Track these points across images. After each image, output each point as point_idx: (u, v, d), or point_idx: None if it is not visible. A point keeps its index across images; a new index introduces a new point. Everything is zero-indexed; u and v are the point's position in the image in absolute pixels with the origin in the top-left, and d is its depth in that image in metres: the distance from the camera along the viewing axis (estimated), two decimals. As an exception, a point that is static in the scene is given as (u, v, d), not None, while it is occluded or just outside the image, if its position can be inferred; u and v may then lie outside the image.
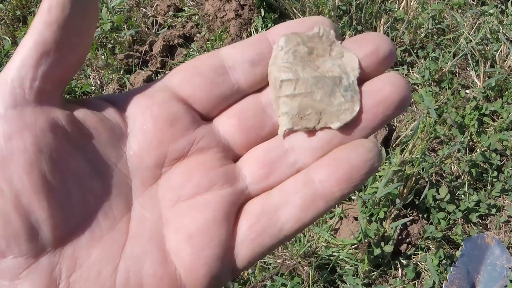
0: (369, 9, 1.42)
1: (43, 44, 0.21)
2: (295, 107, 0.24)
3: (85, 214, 0.22)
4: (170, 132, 0.24)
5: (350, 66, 0.24)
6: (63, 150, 0.21)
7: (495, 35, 1.40)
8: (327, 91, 0.24)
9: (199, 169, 0.24)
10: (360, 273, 1.01)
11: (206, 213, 0.23)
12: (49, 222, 0.20)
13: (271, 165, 0.24)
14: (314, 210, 0.23)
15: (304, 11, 1.38)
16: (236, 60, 0.24)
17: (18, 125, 0.20)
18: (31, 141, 0.20)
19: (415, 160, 1.06)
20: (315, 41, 0.24)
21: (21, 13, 1.50)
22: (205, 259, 0.22)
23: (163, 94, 0.24)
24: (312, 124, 0.24)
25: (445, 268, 1.03)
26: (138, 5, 1.52)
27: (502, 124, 1.22)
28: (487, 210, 1.11)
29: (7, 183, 0.20)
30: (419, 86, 1.34)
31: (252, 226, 0.23)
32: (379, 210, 1.05)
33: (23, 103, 0.21)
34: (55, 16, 0.21)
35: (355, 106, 0.23)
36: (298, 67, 0.24)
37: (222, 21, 1.40)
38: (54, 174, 0.21)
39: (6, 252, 0.20)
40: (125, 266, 0.22)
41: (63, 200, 0.21)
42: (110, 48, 1.38)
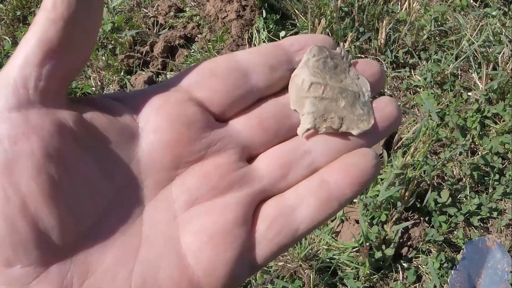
0: (371, 11, 1.42)
1: (48, 42, 0.20)
2: (321, 109, 0.25)
3: (96, 219, 0.21)
4: (186, 134, 0.23)
5: (365, 88, 0.27)
6: (71, 153, 0.20)
7: (497, 37, 1.39)
8: (349, 101, 0.26)
9: (216, 172, 0.24)
10: (361, 276, 1.01)
11: (226, 215, 0.23)
12: (58, 228, 0.20)
13: (289, 166, 0.25)
14: (329, 210, 0.24)
15: (306, 12, 1.37)
16: (256, 64, 0.25)
17: (24, 128, 0.19)
18: (38, 145, 0.19)
19: (417, 163, 1.06)
20: (338, 59, 0.27)
21: (21, 13, 1.50)
22: (227, 260, 0.22)
23: (178, 94, 0.24)
24: (336, 126, 0.25)
25: (446, 272, 1.03)
26: (139, 6, 1.51)
27: (504, 127, 1.22)
28: (488, 213, 1.11)
29: (14, 188, 0.19)
30: (421, 88, 1.33)
31: (270, 226, 0.23)
32: (381, 213, 1.04)
33: (27, 104, 0.20)
34: (61, 13, 0.20)
35: (371, 119, 0.26)
36: (327, 75, 0.26)
37: (224, 21, 1.40)
38: (63, 178, 0.20)
39: (14, 261, 0.19)
40: (141, 270, 0.21)
41: (73, 205, 0.20)
42: (110, 48, 1.38)
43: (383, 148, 1.16)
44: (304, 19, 1.39)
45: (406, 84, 1.33)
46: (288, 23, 1.43)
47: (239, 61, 0.25)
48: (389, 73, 1.35)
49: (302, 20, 1.40)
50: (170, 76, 1.33)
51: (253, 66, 0.25)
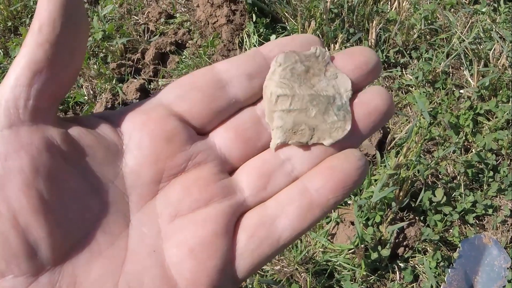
0: (361, 11, 1.42)
1: (35, 63, 0.21)
2: (290, 122, 0.25)
3: (83, 232, 0.22)
4: (167, 149, 0.24)
5: (344, 87, 0.25)
6: (59, 169, 0.21)
7: (488, 34, 1.39)
8: (321, 109, 0.25)
9: (197, 184, 0.24)
10: (358, 278, 1.01)
11: (207, 227, 0.23)
12: (47, 241, 0.20)
13: (269, 175, 0.25)
14: (311, 218, 0.23)
15: (296, 15, 1.38)
16: (233, 74, 0.25)
17: (14, 145, 0.20)
18: (28, 161, 0.20)
19: (410, 163, 1.06)
20: (312, 60, 0.25)
21: (12, 23, 1.50)
22: (208, 272, 0.22)
23: (159, 110, 0.25)
24: (305, 139, 0.25)
25: (443, 270, 1.03)
26: (129, 13, 1.51)
27: (497, 123, 1.22)
28: (483, 211, 1.11)
29: (5, 203, 0.20)
30: (413, 88, 1.33)
31: (251, 237, 0.23)
32: (375, 214, 1.04)
33: (18, 123, 0.21)
34: (46, 36, 0.21)
35: (346, 125, 0.25)
36: (295, 84, 0.25)
37: (214, 27, 1.40)
38: (52, 193, 0.21)
39: (6, 272, 0.20)
40: (126, 281, 0.22)
41: (61, 219, 0.21)
42: (102, 57, 1.38)
43: (376, 149, 1.16)
44: (294, 21, 1.39)
45: (397, 83, 1.33)
46: (279, 26, 1.43)
47: (217, 73, 0.25)
48: (381, 73, 1.36)
49: (292, 23, 1.40)
50: (162, 83, 1.33)
51: (231, 77, 0.25)
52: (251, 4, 1.39)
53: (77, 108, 1.30)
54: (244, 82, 0.25)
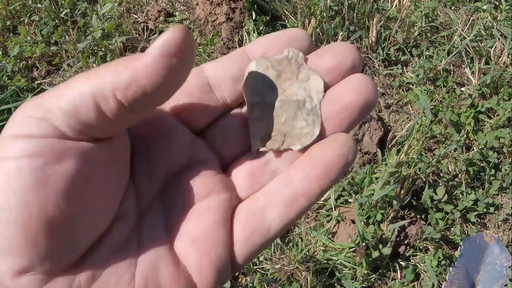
0: (361, 9, 1.41)
1: None
2: (262, 129, 0.25)
3: (103, 231, 0.23)
4: (169, 149, 0.25)
5: (315, 89, 0.25)
6: (93, 175, 0.22)
7: (489, 32, 1.39)
8: (290, 114, 0.25)
9: (197, 179, 0.25)
10: (359, 277, 1.00)
11: (208, 218, 0.24)
12: (76, 243, 0.21)
13: (255, 173, 0.26)
14: (298, 208, 0.24)
15: (296, 12, 1.37)
16: (219, 78, 0.26)
17: (58, 148, 0.20)
18: (72, 166, 0.20)
19: (411, 161, 1.05)
20: (284, 64, 0.25)
21: (11, 23, 1.49)
22: (211, 260, 0.23)
23: (157, 111, 0.25)
24: (276, 145, 0.25)
25: (444, 269, 1.02)
26: (128, 11, 1.51)
27: (498, 121, 1.21)
28: (485, 209, 1.10)
29: (39, 206, 0.19)
30: (413, 85, 1.33)
31: (243, 228, 0.24)
32: (376, 212, 1.04)
33: (63, 134, 0.21)
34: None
35: (315, 130, 0.25)
36: (266, 91, 0.25)
37: (214, 25, 1.39)
38: (88, 200, 0.21)
39: (29, 269, 0.20)
40: (142, 271, 0.23)
41: (91, 222, 0.22)
42: (101, 55, 1.37)
43: (377, 147, 1.15)
44: (294, 19, 1.38)
45: (398, 81, 1.33)
46: (278, 24, 1.42)
47: (205, 77, 0.26)
48: (381, 71, 1.35)
49: (292, 21, 1.39)
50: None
51: (218, 80, 0.26)
52: (250, 2, 1.38)
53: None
54: (230, 85, 0.26)
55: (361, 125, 1.17)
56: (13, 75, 1.36)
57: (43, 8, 1.50)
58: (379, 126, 1.18)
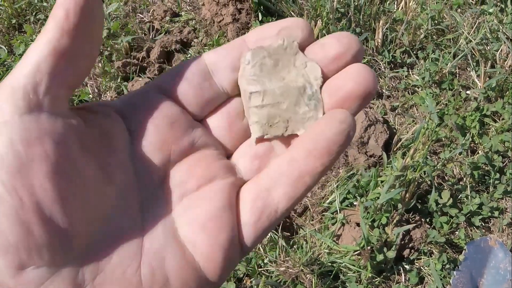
0: (367, 11, 1.41)
1: (61, 51, 0.21)
2: (264, 117, 0.26)
3: (102, 219, 0.22)
4: (170, 134, 0.25)
5: (313, 76, 0.25)
6: (79, 157, 0.21)
7: (495, 35, 1.39)
8: (292, 101, 0.26)
9: (200, 164, 0.25)
10: (363, 280, 1.00)
11: (214, 202, 0.24)
12: (71, 230, 0.20)
13: (261, 158, 0.26)
14: (303, 186, 0.24)
15: (302, 14, 1.37)
16: (219, 66, 0.26)
17: (36, 131, 0.20)
18: (52, 147, 0.20)
19: (417, 164, 1.05)
20: (280, 53, 0.26)
21: (16, 21, 1.49)
22: (221, 244, 0.23)
23: (158, 97, 0.25)
24: (280, 131, 0.26)
25: (448, 273, 1.02)
26: (134, 11, 1.51)
27: (503, 125, 1.21)
28: (489, 213, 1.10)
29: (28, 191, 0.19)
30: (419, 88, 1.33)
31: (251, 210, 0.24)
32: (381, 215, 1.04)
33: (38, 109, 0.20)
34: (73, 23, 0.21)
35: (318, 114, 0.25)
36: (265, 79, 0.26)
37: (220, 25, 1.39)
38: (75, 180, 0.21)
39: (28, 263, 0.19)
40: (148, 261, 0.22)
41: (84, 207, 0.21)
42: (107, 55, 1.37)
43: (383, 150, 1.16)
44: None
45: (404, 84, 1.33)
46: (285, 25, 1.42)
47: (206, 64, 0.26)
48: (387, 73, 1.35)
49: (298, 22, 1.39)
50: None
51: (217, 68, 0.26)
52: (257, 3, 1.38)
53: (82, 107, 1.29)
54: (228, 74, 0.26)
55: (367, 128, 1.17)
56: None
57: (49, 6, 1.50)
58: (385, 129, 1.18)
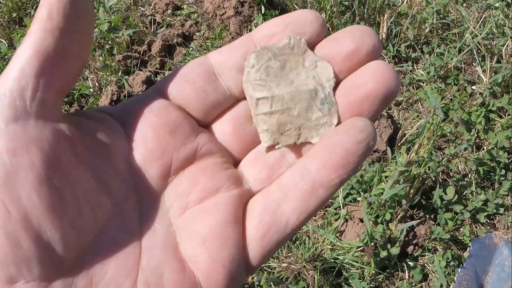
0: (372, 4, 1.39)
1: (45, 52, 0.20)
2: (274, 124, 0.24)
3: (96, 231, 0.21)
4: (172, 141, 0.23)
5: (325, 77, 0.23)
6: (70, 165, 0.20)
7: (501, 29, 1.37)
8: (303, 106, 0.23)
9: (204, 174, 0.24)
10: (367, 276, 0.99)
11: (217, 216, 0.22)
12: (62, 242, 0.19)
13: (272, 166, 0.24)
14: (316, 200, 0.22)
15: (306, 7, 1.35)
16: (224, 67, 0.24)
17: (23, 140, 0.19)
18: (39, 156, 0.19)
19: (421, 160, 1.04)
20: (287, 52, 0.24)
21: (17, 15, 1.48)
22: (223, 262, 0.22)
23: (159, 102, 0.24)
24: (292, 140, 0.24)
25: (452, 270, 1.01)
26: (135, 4, 1.49)
27: (509, 120, 1.20)
28: (495, 210, 1.09)
29: (15, 203, 0.18)
30: (424, 83, 1.31)
31: (257, 225, 0.23)
32: (385, 211, 1.02)
33: (25, 116, 0.19)
34: (57, 22, 0.20)
35: (333, 119, 0.23)
36: (272, 84, 0.24)
37: (222, 18, 1.37)
38: (65, 190, 0.20)
39: (17, 277, 0.18)
40: (144, 278, 0.21)
41: (74, 218, 0.20)
42: (108, 49, 1.36)
43: (387, 145, 1.14)
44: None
45: (409, 78, 1.31)
46: (288, 19, 1.41)
47: (210, 65, 0.24)
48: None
49: (301, 16, 1.38)
50: (169, 75, 1.31)
51: (222, 69, 0.24)
52: (259, -4, 1.36)
53: (82, 101, 1.28)
54: (235, 75, 0.24)
55: (371, 123, 1.16)
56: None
57: None
58: (389, 124, 1.16)
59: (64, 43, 0.20)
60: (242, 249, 0.22)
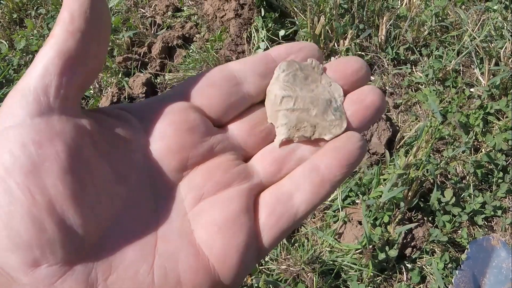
0: (371, 7, 1.40)
1: (67, 53, 0.22)
2: (294, 120, 0.27)
3: (114, 218, 0.22)
4: (190, 139, 0.25)
5: (337, 93, 0.29)
6: (90, 157, 0.22)
7: (499, 32, 1.37)
8: (321, 109, 0.28)
9: (218, 169, 0.26)
10: (365, 278, 1.00)
11: (232, 205, 0.25)
12: (83, 227, 0.21)
13: (282, 160, 0.27)
14: (323, 192, 0.26)
15: (305, 10, 1.35)
16: (247, 73, 0.27)
17: (48, 133, 0.21)
18: (63, 148, 0.21)
19: (420, 163, 1.04)
20: (309, 70, 0.29)
21: (17, 16, 1.48)
22: (237, 247, 0.24)
23: (180, 103, 0.26)
24: (308, 134, 0.28)
25: (450, 272, 1.02)
26: (136, 6, 1.49)
27: (507, 123, 1.20)
28: (492, 212, 1.09)
29: (40, 190, 0.20)
30: (422, 85, 1.32)
31: (271, 214, 0.25)
32: (384, 214, 1.03)
33: (48, 111, 0.21)
34: (78, 25, 0.22)
35: (343, 123, 0.28)
36: (297, 87, 0.28)
37: (222, 21, 1.38)
38: (86, 179, 0.21)
39: (41, 261, 0.20)
40: (161, 263, 0.23)
41: (95, 206, 0.21)
42: (108, 50, 1.36)
43: (385, 148, 1.15)
44: (303, 16, 1.37)
45: (407, 81, 1.32)
46: (287, 21, 1.41)
47: (232, 71, 0.27)
48: (390, 70, 1.34)
49: (301, 18, 1.38)
50: (169, 77, 1.31)
51: (245, 75, 0.27)
52: (259, -2, 1.37)
53: (82, 102, 1.29)
54: (257, 80, 0.28)
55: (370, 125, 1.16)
56: (19, 68, 1.35)
57: (50, 1, 1.49)
58: (388, 127, 1.17)
59: (84, 44, 0.22)
60: (254, 236, 0.25)
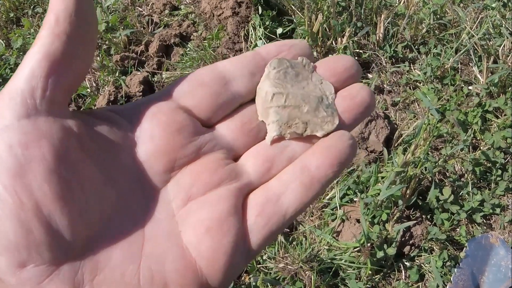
0: (369, 5, 1.40)
1: (53, 55, 0.22)
2: (285, 116, 0.27)
3: (102, 220, 0.22)
4: (178, 139, 0.25)
5: (328, 91, 0.28)
6: (78, 159, 0.22)
7: (497, 30, 1.37)
8: (312, 106, 0.28)
9: (206, 169, 0.25)
10: (363, 277, 0.99)
11: (220, 206, 0.24)
12: (70, 229, 0.21)
13: (272, 159, 0.27)
14: (313, 192, 0.25)
15: (303, 8, 1.35)
16: (237, 72, 0.27)
17: (34, 134, 0.21)
18: (49, 150, 0.21)
19: (418, 161, 1.04)
20: (300, 67, 0.29)
21: (14, 15, 1.48)
22: (225, 248, 0.23)
23: (168, 104, 0.26)
24: (300, 130, 0.27)
25: (449, 270, 1.01)
26: (133, 4, 1.49)
27: (505, 121, 1.20)
28: (491, 210, 1.09)
29: (27, 192, 0.20)
30: (421, 83, 1.31)
31: (259, 214, 0.25)
32: (382, 212, 1.03)
33: (35, 113, 0.21)
34: (63, 27, 0.22)
35: (335, 120, 0.28)
36: (288, 85, 0.28)
37: (219, 19, 1.37)
38: (73, 181, 0.21)
39: (27, 261, 0.20)
40: (147, 265, 0.22)
41: (82, 207, 0.21)
42: (105, 49, 1.36)
43: (383, 146, 1.14)
44: (301, 14, 1.36)
45: (405, 79, 1.31)
46: (285, 19, 1.41)
47: (221, 71, 0.27)
48: (388, 68, 1.33)
49: (298, 16, 1.38)
50: (166, 75, 1.31)
51: (234, 74, 0.27)
52: (257, -3, 1.36)
53: (79, 101, 1.28)
54: (247, 79, 0.27)
55: (368, 123, 1.16)
56: (16, 67, 1.35)
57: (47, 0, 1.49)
58: (386, 125, 1.17)
59: (71, 46, 0.22)
60: (242, 237, 0.24)
